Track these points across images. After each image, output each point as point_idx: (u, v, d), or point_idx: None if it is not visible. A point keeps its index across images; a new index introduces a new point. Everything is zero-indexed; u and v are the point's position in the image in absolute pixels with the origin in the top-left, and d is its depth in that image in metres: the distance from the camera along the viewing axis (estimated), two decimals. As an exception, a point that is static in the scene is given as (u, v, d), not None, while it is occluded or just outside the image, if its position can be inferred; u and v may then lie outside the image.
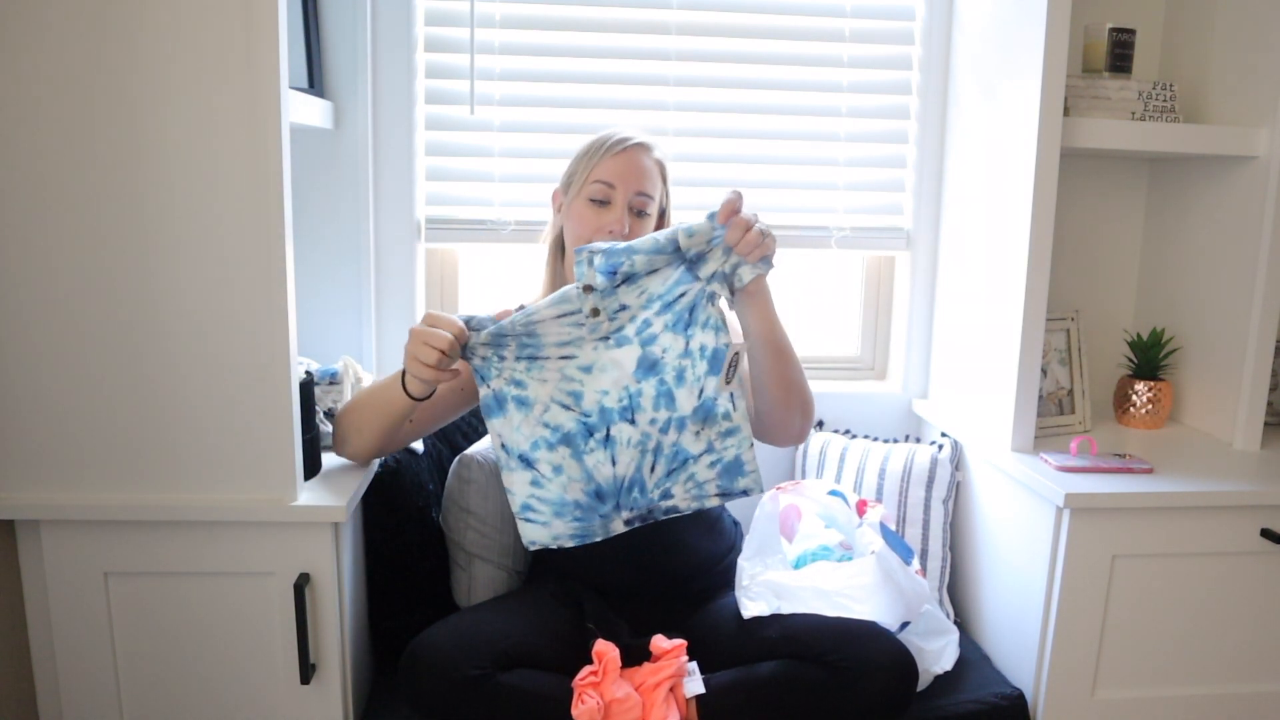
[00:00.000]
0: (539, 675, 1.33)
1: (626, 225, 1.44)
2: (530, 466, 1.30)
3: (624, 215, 1.44)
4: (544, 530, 1.33)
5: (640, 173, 1.46)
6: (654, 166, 1.48)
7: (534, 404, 1.29)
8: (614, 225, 1.44)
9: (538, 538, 1.33)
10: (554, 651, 1.38)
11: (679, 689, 1.33)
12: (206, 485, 1.32)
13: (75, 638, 1.35)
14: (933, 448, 1.85)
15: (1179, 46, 1.88)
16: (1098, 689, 1.56)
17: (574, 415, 1.30)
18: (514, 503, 1.32)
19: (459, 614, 1.45)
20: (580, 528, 1.34)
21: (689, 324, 1.29)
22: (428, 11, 1.81)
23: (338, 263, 1.82)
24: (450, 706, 1.27)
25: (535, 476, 1.31)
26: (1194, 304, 1.84)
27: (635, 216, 1.46)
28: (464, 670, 1.27)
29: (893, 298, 2.07)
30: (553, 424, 1.30)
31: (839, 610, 1.40)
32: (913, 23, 1.91)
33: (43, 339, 1.27)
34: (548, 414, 1.30)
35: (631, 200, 1.45)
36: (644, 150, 1.48)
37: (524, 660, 1.34)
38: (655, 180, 1.48)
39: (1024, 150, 1.59)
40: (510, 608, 1.45)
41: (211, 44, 1.21)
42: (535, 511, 1.32)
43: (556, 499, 1.31)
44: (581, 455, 1.31)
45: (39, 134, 1.22)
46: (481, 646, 1.31)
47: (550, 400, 1.29)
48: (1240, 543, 1.52)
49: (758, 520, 1.58)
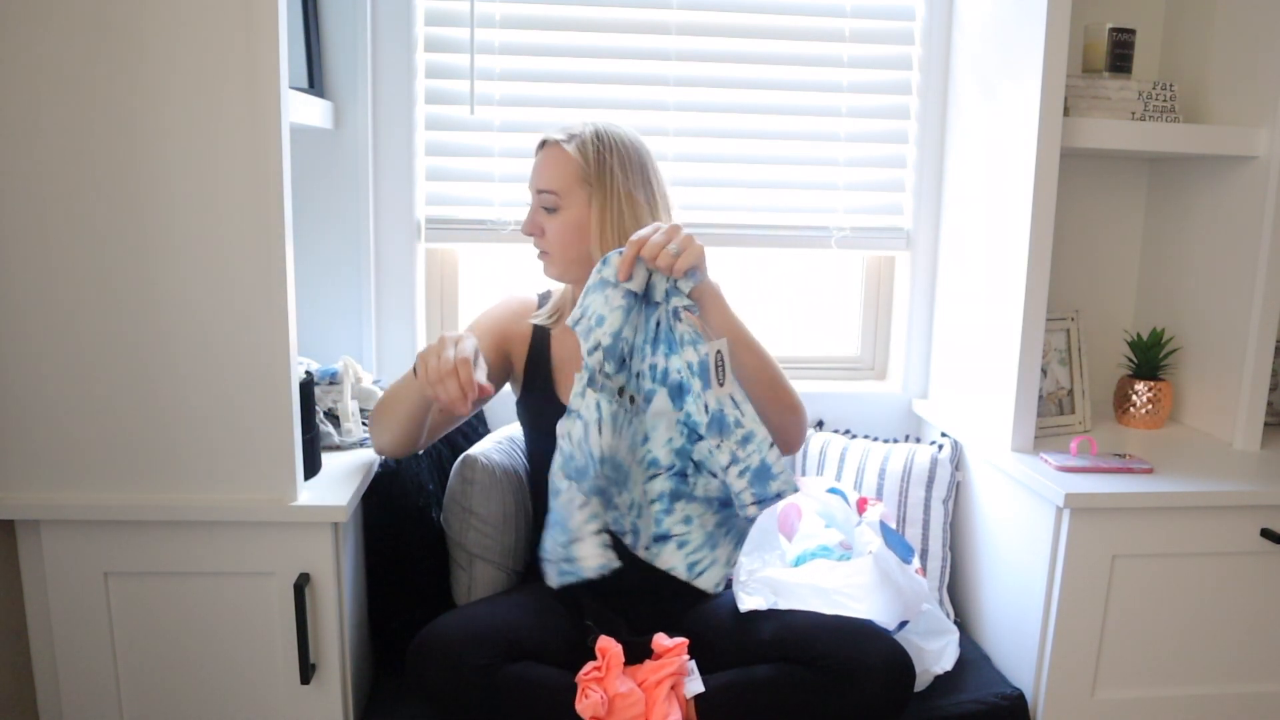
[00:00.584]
0: (544, 668, 1.35)
1: (532, 225, 1.46)
2: (668, 538, 1.36)
3: (532, 215, 1.47)
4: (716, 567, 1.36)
5: (539, 172, 1.46)
6: (562, 159, 1.43)
7: (640, 503, 1.34)
8: (524, 227, 1.47)
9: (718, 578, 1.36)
10: (556, 647, 1.40)
11: (680, 687, 1.34)
12: (207, 485, 1.32)
13: (75, 638, 1.35)
14: (933, 448, 1.85)
15: (1179, 46, 1.88)
16: (1098, 689, 1.56)
17: (663, 477, 1.34)
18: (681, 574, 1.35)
19: (466, 605, 1.46)
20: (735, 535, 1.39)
21: (671, 345, 1.30)
22: (428, 11, 1.81)
23: (338, 263, 1.82)
24: (457, 696, 1.29)
25: (678, 540, 1.35)
26: (1194, 304, 1.84)
27: (546, 213, 1.45)
28: (471, 660, 1.29)
29: (893, 298, 2.07)
30: (655, 496, 1.34)
31: (836, 609, 1.40)
32: (913, 23, 1.91)
33: (43, 339, 1.27)
34: (648, 494, 1.34)
35: (538, 200, 1.46)
36: (550, 147, 1.45)
37: (529, 653, 1.35)
38: (560, 173, 1.43)
39: (1024, 150, 1.59)
40: (514, 602, 1.46)
41: (211, 44, 1.22)
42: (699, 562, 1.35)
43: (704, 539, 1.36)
44: (693, 495, 1.35)
45: (39, 135, 1.22)
46: (489, 637, 1.32)
47: (643, 484, 1.35)
48: (1240, 543, 1.52)
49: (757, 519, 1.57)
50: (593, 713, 1.29)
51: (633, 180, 1.43)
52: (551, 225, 1.44)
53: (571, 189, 1.43)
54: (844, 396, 2.01)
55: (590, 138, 1.43)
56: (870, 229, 1.98)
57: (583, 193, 1.43)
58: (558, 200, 1.43)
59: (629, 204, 1.43)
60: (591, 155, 1.42)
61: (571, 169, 1.42)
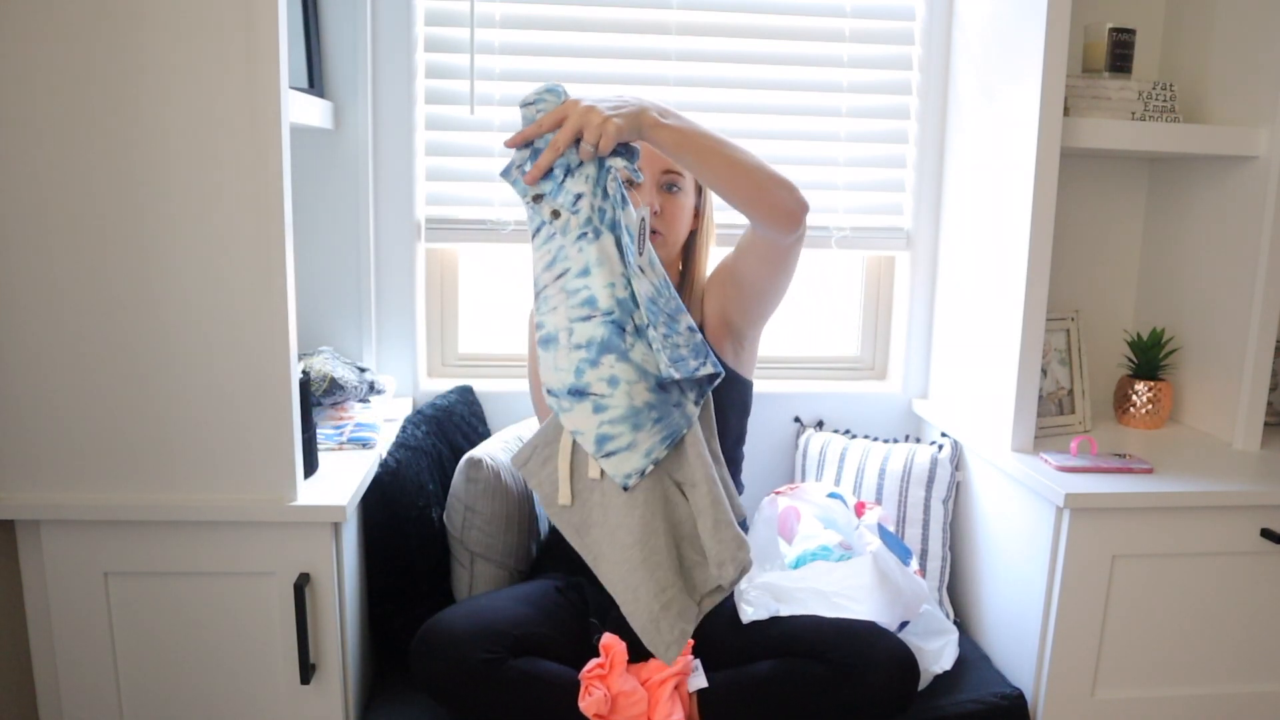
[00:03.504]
0: (548, 663, 1.35)
1: (657, 205, 1.48)
2: (585, 394, 1.19)
3: (654, 197, 1.48)
4: (634, 454, 1.19)
5: (650, 154, 1.46)
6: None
7: (557, 334, 1.20)
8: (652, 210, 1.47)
9: (633, 466, 1.19)
10: (560, 643, 1.41)
11: (683, 687, 1.34)
12: (206, 485, 1.32)
13: (75, 638, 1.35)
14: (933, 448, 1.84)
15: (1179, 46, 1.88)
16: (1098, 689, 1.56)
17: (598, 320, 1.19)
18: (588, 444, 1.20)
19: (470, 599, 1.47)
20: (665, 427, 1.22)
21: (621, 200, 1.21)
22: (428, 11, 1.81)
23: (338, 263, 1.82)
24: (461, 689, 1.30)
25: (595, 402, 1.19)
26: (1194, 304, 1.84)
27: (666, 193, 1.49)
28: (477, 653, 1.29)
29: (893, 298, 2.07)
30: (584, 341, 1.19)
31: (837, 611, 1.40)
32: (913, 23, 1.91)
33: (43, 339, 1.27)
34: (574, 335, 1.19)
35: (661, 179, 1.49)
36: None
37: (533, 649, 1.36)
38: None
39: (1024, 150, 1.59)
40: (518, 597, 1.46)
41: (211, 44, 1.22)
42: (614, 440, 1.19)
43: (626, 410, 1.19)
44: (627, 355, 1.19)
45: (39, 135, 1.22)
46: (494, 631, 1.33)
47: (569, 322, 1.20)
48: (1240, 543, 1.52)
49: (756, 524, 1.58)
50: (596, 710, 1.29)
51: None
52: (671, 206, 1.49)
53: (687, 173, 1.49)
54: (844, 396, 2.01)
55: None
56: (870, 229, 1.98)
57: (692, 177, 1.50)
58: (682, 180, 1.49)
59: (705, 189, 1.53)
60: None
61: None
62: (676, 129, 1.26)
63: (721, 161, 1.28)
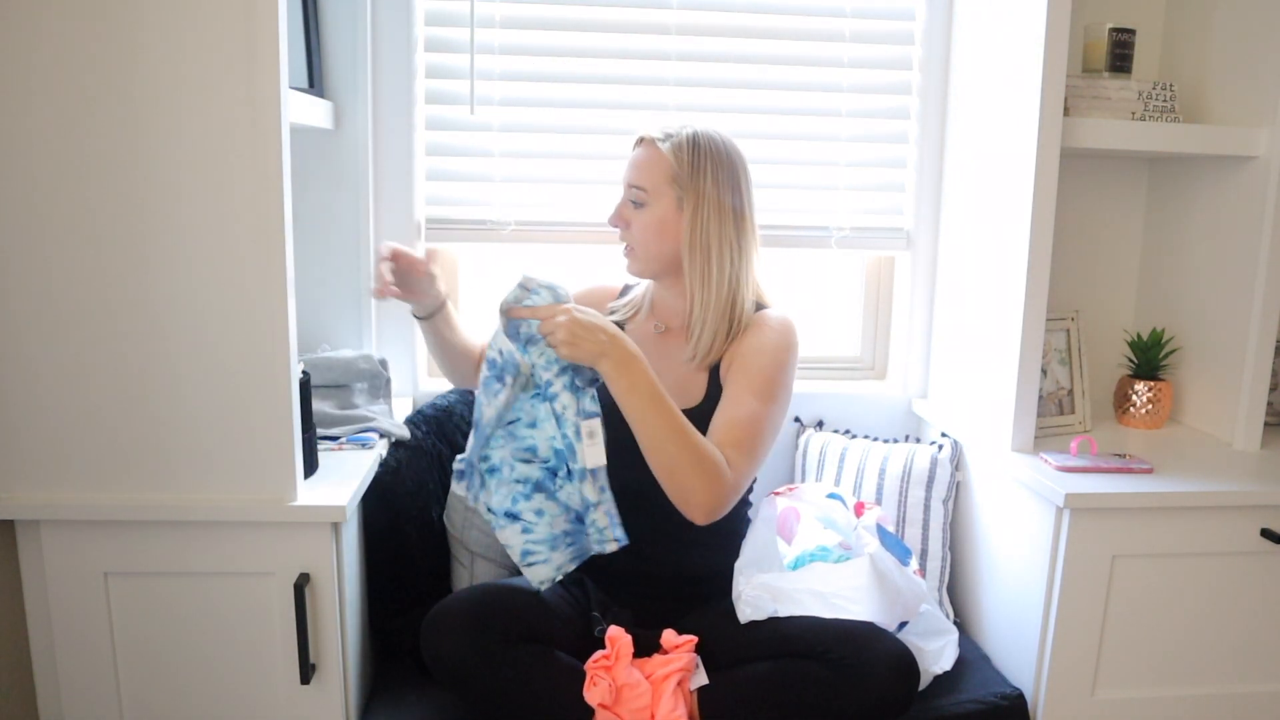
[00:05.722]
0: (554, 652, 1.37)
1: (617, 218, 1.51)
2: (517, 519, 1.40)
3: (618, 208, 1.51)
4: (547, 566, 1.40)
5: (633, 167, 1.50)
6: (655, 158, 1.47)
7: (501, 467, 1.40)
8: (610, 219, 1.52)
9: (544, 575, 1.41)
10: (563, 635, 1.42)
11: (686, 683, 1.35)
12: (206, 485, 1.32)
13: (75, 638, 1.35)
14: (932, 448, 1.84)
15: (1179, 46, 1.88)
16: (1098, 689, 1.56)
17: (536, 466, 1.40)
18: (514, 555, 1.41)
19: (478, 585, 1.47)
20: (575, 550, 1.42)
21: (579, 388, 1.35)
22: (428, 12, 1.81)
23: (338, 262, 1.82)
24: (468, 673, 1.31)
25: (524, 525, 1.39)
26: (1194, 304, 1.84)
27: (634, 208, 1.50)
28: (484, 639, 1.31)
29: (893, 298, 2.07)
30: (521, 478, 1.40)
31: (835, 612, 1.40)
32: (912, 23, 1.91)
33: (42, 339, 1.27)
34: (514, 471, 1.40)
35: (627, 193, 1.50)
36: (645, 144, 1.50)
37: (538, 637, 1.38)
38: (651, 171, 1.47)
39: (1024, 150, 1.59)
40: (525, 587, 1.46)
41: (211, 44, 1.21)
42: (534, 554, 1.40)
43: (547, 535, 1.40)
44: (555, 495, 1.40)
45: (38, 134, 1.22)
46: (501, 617, 1.35)
47: (513, 459, 1.40)
48: (1240, 543, 1.52)
49: (755, 526, 1.57)
50: (600, 700, 1.31)
51: (724, 188, 1.48)
52: (637, 220, 1.49)
53: (660, 188, 1.47)
54: (844, 396, 2.01)
55: (686, 141, 1.47)
56: (870, 229, 1.98)
57: (671, 193, 1.47)
58: (645, 196, 1.48)
59: (718, 210, 1.47)
60: (686, 159, 1.47)
61: (663, 168, 1.47)
62: (626, 382, 1.30)
63: (651, 429, 1.31)
